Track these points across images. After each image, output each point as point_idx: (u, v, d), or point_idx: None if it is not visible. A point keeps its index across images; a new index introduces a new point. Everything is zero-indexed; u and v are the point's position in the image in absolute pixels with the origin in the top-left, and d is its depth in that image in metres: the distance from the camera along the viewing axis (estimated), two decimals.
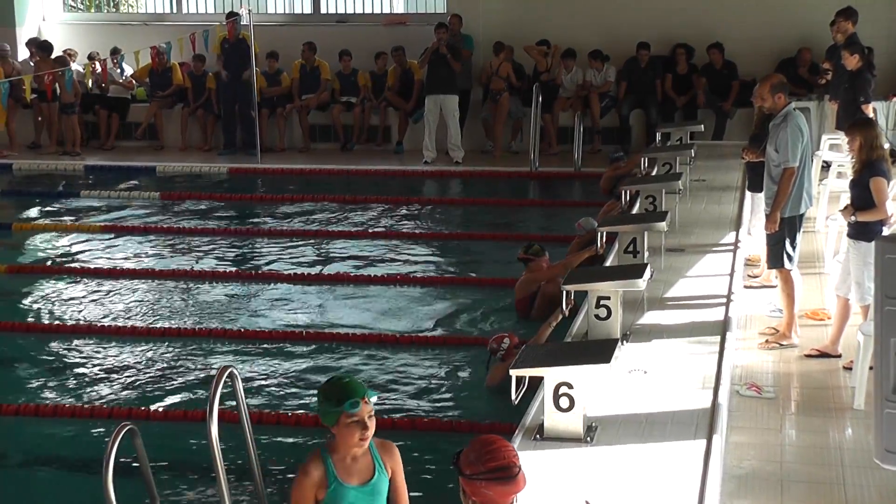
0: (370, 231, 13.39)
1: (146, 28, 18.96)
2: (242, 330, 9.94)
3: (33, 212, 14.71)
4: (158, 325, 10.12)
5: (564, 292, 7.46)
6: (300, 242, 12.96)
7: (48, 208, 14.79)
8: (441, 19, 17.33)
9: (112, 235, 13.24)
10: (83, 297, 11.09)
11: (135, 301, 10.90)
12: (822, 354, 8.61)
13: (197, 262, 12.24)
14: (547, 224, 13.76)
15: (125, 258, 12.39)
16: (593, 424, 6.01)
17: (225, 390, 5.94)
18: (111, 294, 11.11)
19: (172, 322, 10.26)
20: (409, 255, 12.45)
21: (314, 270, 11.85)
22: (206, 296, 11.07)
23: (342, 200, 14.71)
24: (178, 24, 18.58)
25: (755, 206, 10.58)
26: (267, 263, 12.26)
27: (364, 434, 4.51)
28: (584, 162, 15.79)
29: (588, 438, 5.87)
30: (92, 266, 11.97)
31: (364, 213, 14.22)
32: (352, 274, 11.58)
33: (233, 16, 17.31)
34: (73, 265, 12.08)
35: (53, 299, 11.00)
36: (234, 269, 11.94)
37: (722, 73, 16.83)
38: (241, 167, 16.60)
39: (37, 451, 7.85)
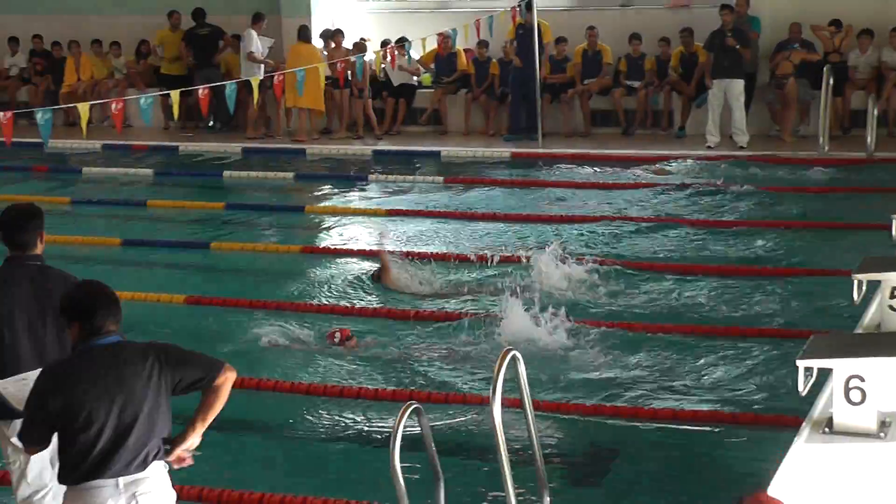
0: (666, 217, 13.07)
1: (433, 15, 19.38)
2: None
3: (324, 195, 15.30)
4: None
5: (855, 282, 7.19)
6: (587, 227, 12.70)
7: (337, 191, 15.35)
8: (726, 0, 16.92)
9: (397, 219, 13.52)
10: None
11: None
12: None
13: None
14: (841, 211, 13.06)
15: (408, 241, 12.54)
16: (887, 420, 5.76)
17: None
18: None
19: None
20: (726, 244, 12.04)
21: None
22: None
23: (621, 187, 14.59)
24: (463, 11, 18.91)
25: None
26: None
27: None
28: (877, 146, 15.13)
29: (881, 434, 5.64)
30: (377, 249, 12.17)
31: (654, 198, 13.96)
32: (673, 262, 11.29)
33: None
34: (359, 248, 12.38)
35: (342, 279, 11.30)
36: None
37: None
38: (524, 151, 16.76)
39: (327, 427, 8.10)
